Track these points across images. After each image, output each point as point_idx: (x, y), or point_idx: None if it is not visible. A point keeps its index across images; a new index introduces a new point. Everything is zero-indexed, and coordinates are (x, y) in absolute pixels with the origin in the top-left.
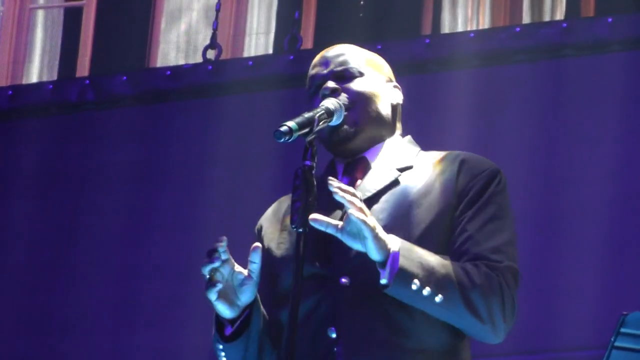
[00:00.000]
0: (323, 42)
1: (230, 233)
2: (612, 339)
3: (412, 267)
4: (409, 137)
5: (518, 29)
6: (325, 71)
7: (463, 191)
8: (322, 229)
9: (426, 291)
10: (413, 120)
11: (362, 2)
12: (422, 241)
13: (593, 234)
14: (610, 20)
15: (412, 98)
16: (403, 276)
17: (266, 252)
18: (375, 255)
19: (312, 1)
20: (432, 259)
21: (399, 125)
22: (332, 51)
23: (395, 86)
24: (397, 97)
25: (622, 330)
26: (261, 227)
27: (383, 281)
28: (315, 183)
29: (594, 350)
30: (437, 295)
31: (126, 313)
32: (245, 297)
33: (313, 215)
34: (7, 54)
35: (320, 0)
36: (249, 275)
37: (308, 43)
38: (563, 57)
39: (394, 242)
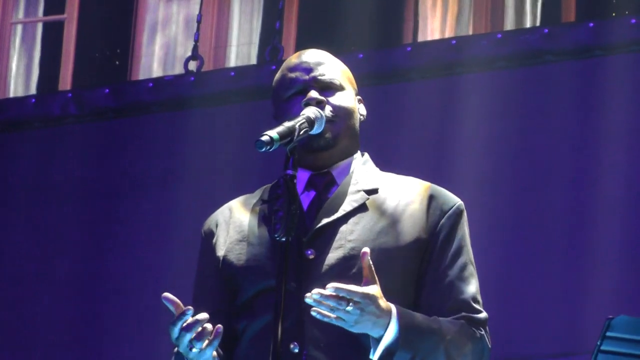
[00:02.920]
0: None
1: None
2: (598, 343)
3: (410, 348)
4: (366, 155)
5: (499, 36)
6: (307, 77)
7: (435, 230)
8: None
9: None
10: (395, 128)
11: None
12: (386, 268)
13: (577, 239)
14: (591, 25)
15: (394, 106)
16: (401, 357)
17: (223, 263)
18: (374, 333)
19: (293, 12)
20: (427, 330)
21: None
22: (310, 56)
23: (360, 100)
24: (363, 111)
25: (608, 334)
26: (212, 233)
27: (374, 357)
28: (297, 192)
29: (580, 356)
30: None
31: (111, 325)
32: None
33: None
34: None
35: (301, 11)
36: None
37: (290, 53)
38: (545, 63)
39: (393, 316)
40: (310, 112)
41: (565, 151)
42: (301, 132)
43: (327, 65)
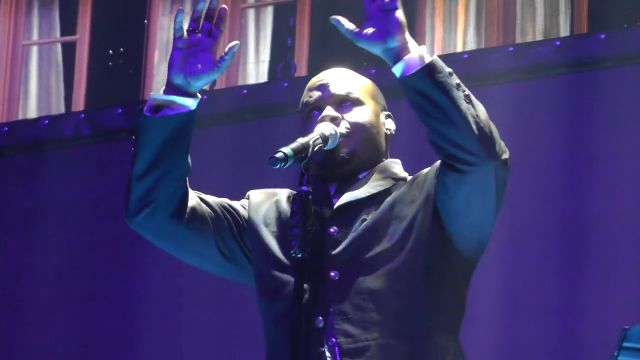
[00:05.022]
0: (317, 68)
1: None
2: (615, 354)
3: (434, 74)
4: (398, 160)
5: (511, 49)
6: (324, 94)
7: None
8: (342, 31)
9: (456, 79)
10: (409, 144)
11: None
12: (407, 233)
13: (592, 250)
14: (602, 36)
15: (409, 122)
16: (437, 62)
17: (255, 227)
18: (396, 40)
19: (305, 28)
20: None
21: (388, 153)
22: (331, 75)
23: (388, 115)
24: (391, 126)
25: (625, 344)
26: (259, 198)
27: (397, 69)
28: (312, 209)
29: None
30: (464, 89)
31: (127, 347)
32: (198, 83)
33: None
34: (2, 90)
35: (313, 27)
36: (217, 63)
37: (302, 70)
38: (557, 75)
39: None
40: (323, 128)
41: (578, 162)
42: (315, 149)
43: (344, 81)
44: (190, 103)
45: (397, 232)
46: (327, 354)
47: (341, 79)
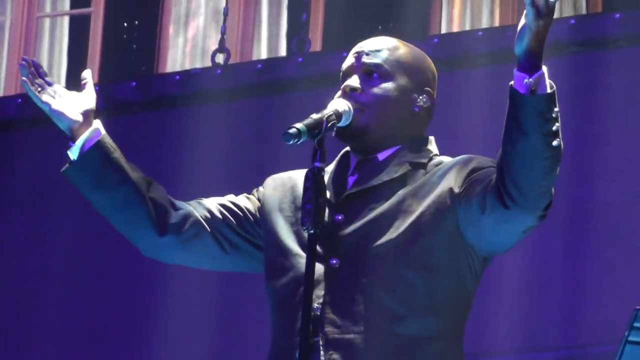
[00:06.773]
0: (332, 43)
1: None
2: (626, 334)
3: (553, 105)
4: (429, 138)
5: None
6: (356, 62)
7: (466, 173)
8: None
9: (556, 123)
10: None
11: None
12: (412, 228)
13: (605, 231)
14: (617, 16)
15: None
16: (549, 99)
17: (268, 215)
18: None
19: (320, 3)
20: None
21: (420, 132)
22: (371, 43)
23: (426, 91)
24: (424, 104)
25: (636, 324)
26: (264, 187)
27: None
28: (325, 185)
29: (608, 346)
30: (558, 138)
31: (138, 327)
32: (73, 123)
33: None
34: (16, 63)
35: (328, 2)
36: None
37: (317, 45)
38: (570, 54)
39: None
40: (338, 104)
41: (590, 143)
42: (329, 125)
43: (383, 52)
44: (80, 144)
45: (401, 226)
46: (321, 342)
47: (378, 49)
